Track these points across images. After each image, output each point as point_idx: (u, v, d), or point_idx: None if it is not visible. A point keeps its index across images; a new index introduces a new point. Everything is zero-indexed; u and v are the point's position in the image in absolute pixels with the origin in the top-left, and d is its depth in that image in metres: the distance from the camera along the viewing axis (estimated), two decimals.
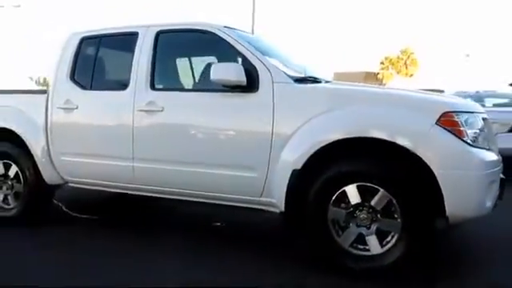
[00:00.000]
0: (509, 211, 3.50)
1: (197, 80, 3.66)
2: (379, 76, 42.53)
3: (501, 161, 2.88)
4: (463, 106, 2.87)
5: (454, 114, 2.67)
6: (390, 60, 44.73)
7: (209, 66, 3.51)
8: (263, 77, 3.04)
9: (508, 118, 6.01)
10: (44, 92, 3.90)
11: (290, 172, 2.87)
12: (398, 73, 44.05)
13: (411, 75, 43.96)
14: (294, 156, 2.88)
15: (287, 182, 2.89)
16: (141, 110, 3.38)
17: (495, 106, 6.61)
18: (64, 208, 4.42)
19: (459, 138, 2.62)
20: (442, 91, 7.98)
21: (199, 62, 3.73)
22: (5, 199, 4.12)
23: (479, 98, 6.99)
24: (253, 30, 19.97)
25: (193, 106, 3.30)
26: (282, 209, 2.98)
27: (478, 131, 2.75)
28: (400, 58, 44.81)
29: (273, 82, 3.02)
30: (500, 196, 2.86)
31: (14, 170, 4.04)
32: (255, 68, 3.07)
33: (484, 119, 2.90)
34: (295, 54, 3.95)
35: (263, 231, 3.95)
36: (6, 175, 4.10)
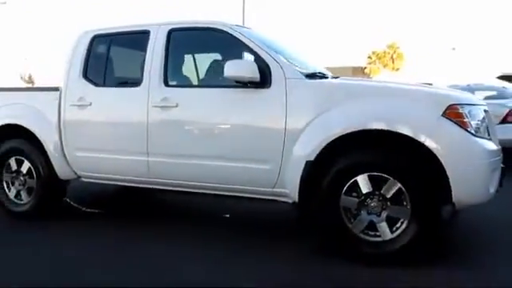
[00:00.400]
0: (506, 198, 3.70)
1: (209, 77, 3.77)
2: (366, 70, 42.92)
3: (501, 150, 3.07)
4: (466, 99, 3.05)
5: (458, 107, 2.84)
6: (377, 54, 45.13)
7: (218, 62, 3.66)
8: (276, 73, 3.17)
9: (499, 110, 6.24)
10: (56, 89, 3.97)
11: (303, 163, 3.02)
12: (384, 67, 44.50)
13: (397, 69, 44.46)
14: (307, 148, 3.02)
15: (301, 173, 3.03)
16: (155, 106, 3.49)
17: (486, 98, 6.84)
18: (72, 203, 4.52)
19: (464, 128, 2.80)
20: (430, 84, 8.18)
21: (211, 60, 3.84)
22: (17, 195, 4.20)
23: (470, 90, 7.20)
24: (243, 24, 20.07)
25: (207, 102, 3.41)
26: (295, 199, 3.13)
27: (480, 122, 2.93)
28: (387, 53, 45.23)
29: (285, 78, 3.15)
30: (500, 183, 3.05)
31: (26, 165, 4.12)
32: (267, 65, 3.20)
33: (485, 111, 3.08)
34: (300, 50, 4.09)
35: (271, 222, 4.11)
36: (18, 171, 4.18)
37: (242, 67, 3.17)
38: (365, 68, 43.01)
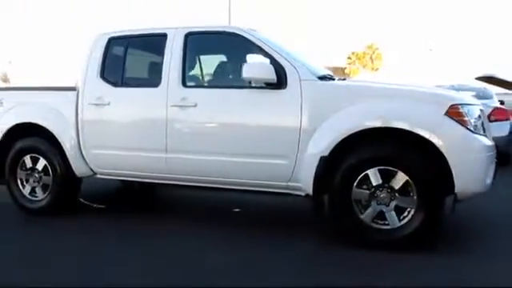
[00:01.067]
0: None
1: (226, 78, 3.98)
2: (346, 71, 43.62)
3: (495, 146, 3.39)
4: (465, 99, 3.36)
5: (459, 106, 3.14)
6: (357, 55, 45.94)
7: (234, 65, 3.88)
8: (291, 75, 3.42)
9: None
10: (73, 89, 4.11)
11: (318, 159, 3.27)
12: (363, 67, 45.35)
13: (376, 69, 45.38)
14: (322, 144, 3.27)
15: (315, 167, 3.28)
16: (174, 106, 3.68)
17: None
18: (83, 200, 4.66)
19: (464, 126, 3.10)
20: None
21: (226, 62, 4.05)
22: (32, 191, 4.32)
23: (454, 90, 7.60)
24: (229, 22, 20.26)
25: (225, 102, 3.63)
26: (309, 192, 3.38)
27: (477, 120, 3.24)
28: (366, 53, 46.09)
29: (300, 80, 3.40)
30: (494, 176, 3.37)
31: (42, 163, 4.24)
32: (283, 67, 3.44)
33: (481, 110, 3.40)
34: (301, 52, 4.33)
35: (281, 214, 4.36)
36: (33, 168, 4.29)
37: (259, 69, 3.40)
38: (345, 68, 43.70)
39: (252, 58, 3.72)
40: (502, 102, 8.01)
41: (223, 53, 4.15)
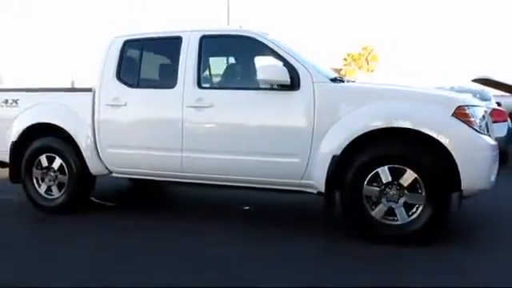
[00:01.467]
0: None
1: (240, 79, 4.12)
2: (342, 72, 43.88)
3: (498, 145, 3.54)
4: (470, 101, 3.52)
5: (465, 107, 3.30)
6: (352, 56, 46.26)
7: (248, 67, 4.02)
8: (304, 77, 3.56)
9: None
10: (89, 90, 4.23)
11: (330, 158, 3.42)
12: (359, 68, 45.66)
13: (372, 71, 45.70)
14: (334, 144, 3.42)
15: (328, 166, 3.43)
16: (190, 106, 3.81)
17: None
18: (94, 199, 4.77)
19: (470, 126, 3.26)
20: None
21: (240, 64, 4.18)
22: (48, 190, 4.43)
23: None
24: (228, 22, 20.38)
25: (240, 102, 3.77)
26: (321, 189, 3.52)
27: (481, 121, 3.40)
28: (361, 55, 46.42)
29: (313, 82, 3.54)
30: (497, 173, 3.53)
31: (58, 162, 4.35)
32: (296, 69, 3.58)
33: (485, 111, 3.56)
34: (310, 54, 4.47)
35: (290, 212, 4.50)
36: (49, 167, 4.40)
37: (274, 71, 3.54)
38: (340, 70, 43.97)
39: (265, 61, 3.85)
40: (499, 104, 8.21)
41: (237, 55, 4.29)
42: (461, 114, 3.27)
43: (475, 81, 13.45)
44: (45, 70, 19.03)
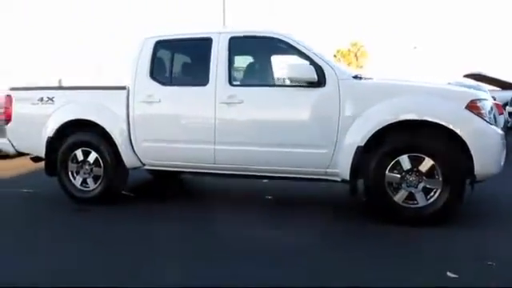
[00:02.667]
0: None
1: (268, 77, 4.44)
2: None
3: (505, 135, 3.92)
4: (480, 95, 3.88)
5: (477, 101, 3.68)
6: (342, 53, 46.78)
7: (275, 65, 4.33)
8: (329, 74, 3.89)
9: None
10: (123, 88, 4.50)
11: (354, 148, 3.76)
12: (348, 64, 46.19)
13: (361, 67, 46.27)
14: (358, 135, 3.76)
15: (352, 156, 3.78)
16: (222, 103, 4.12)
17: None
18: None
19: (481, 118, 3.64)
20: None
21: (267, 63, 4.49)
22: (83, 182, 4.70)
23: None
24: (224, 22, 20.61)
25: (269, 98, 4.09)
26: (346, 177, 3.87)
27: (490, 113, 3.78)
28: (351, 51, 46.99)
29: (338, 79, 3.88)
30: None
31: (93, 156, 4.62)
32: (321, 67, 3.91)
33: (492, 105, 3.94)
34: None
35: (313, 199, 4.85)
36: (84, 161, 4.67)
37: (302, 70, 3.87)
38: None
39: (290, 60, 4.16)
40: (494, 98, 8.64)
41: (264, 54, 4.61)
42: (473, 107, 3.64)
43: (467, 76, 13.99)
44: (44, 70, 19.10)
